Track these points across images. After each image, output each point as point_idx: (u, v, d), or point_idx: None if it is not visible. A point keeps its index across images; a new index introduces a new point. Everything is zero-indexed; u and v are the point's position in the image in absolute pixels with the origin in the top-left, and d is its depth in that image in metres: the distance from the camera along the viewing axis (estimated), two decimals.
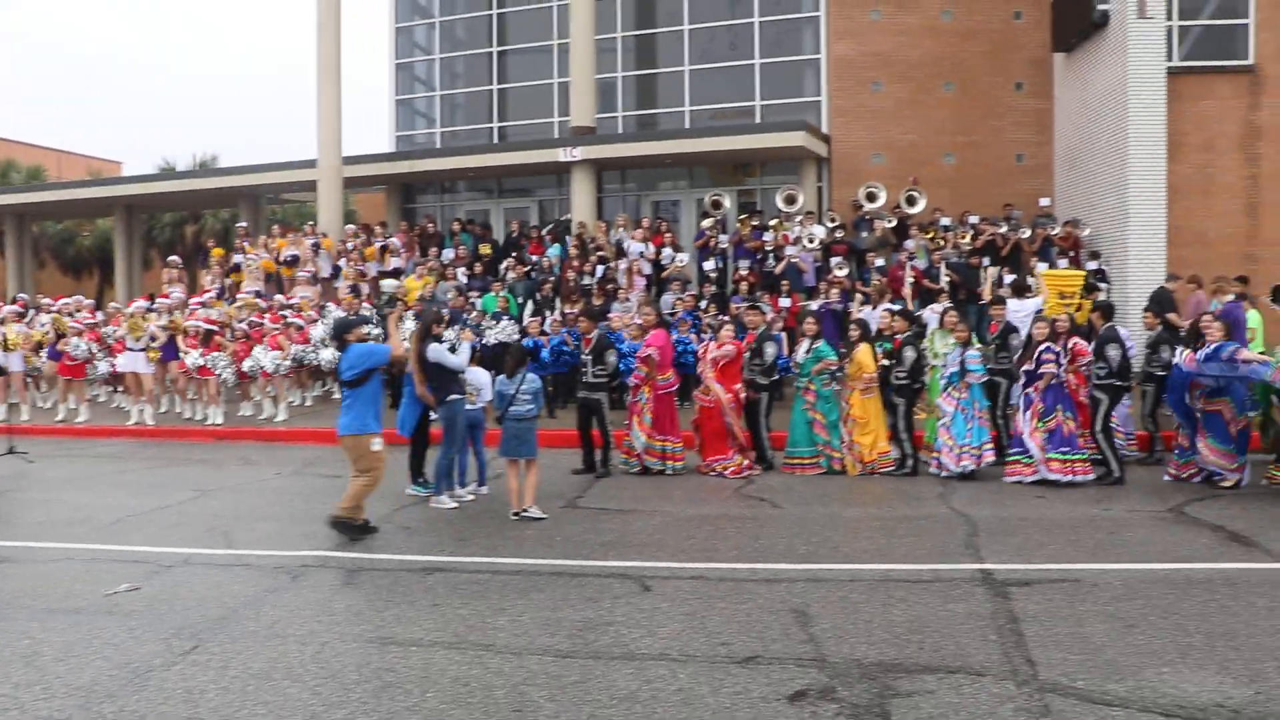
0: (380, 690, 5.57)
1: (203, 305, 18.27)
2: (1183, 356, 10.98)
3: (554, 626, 6.57)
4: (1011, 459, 11.47)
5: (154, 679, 5.78)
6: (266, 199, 30.14)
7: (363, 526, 9.25)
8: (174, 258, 23.86)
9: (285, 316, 17.27)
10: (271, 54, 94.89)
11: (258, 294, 19.76)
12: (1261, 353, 12.67)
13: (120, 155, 58.71)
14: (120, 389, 18.17)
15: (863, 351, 12.06)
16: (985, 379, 11.79)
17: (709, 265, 19.56)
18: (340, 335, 9.57)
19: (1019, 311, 13.60)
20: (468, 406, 10.86)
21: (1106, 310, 12.22)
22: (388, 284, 18.73)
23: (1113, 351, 11.33)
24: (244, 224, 25.52)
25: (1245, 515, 9.54)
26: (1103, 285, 17.63)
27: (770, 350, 12.50)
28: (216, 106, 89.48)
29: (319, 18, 23.49)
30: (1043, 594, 7.08)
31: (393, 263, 20.98)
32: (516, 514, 9.83)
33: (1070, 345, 11.47)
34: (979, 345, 12.12)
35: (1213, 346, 10.75)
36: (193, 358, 16.20)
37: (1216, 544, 8.53)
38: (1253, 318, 13.85)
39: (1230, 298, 13.93)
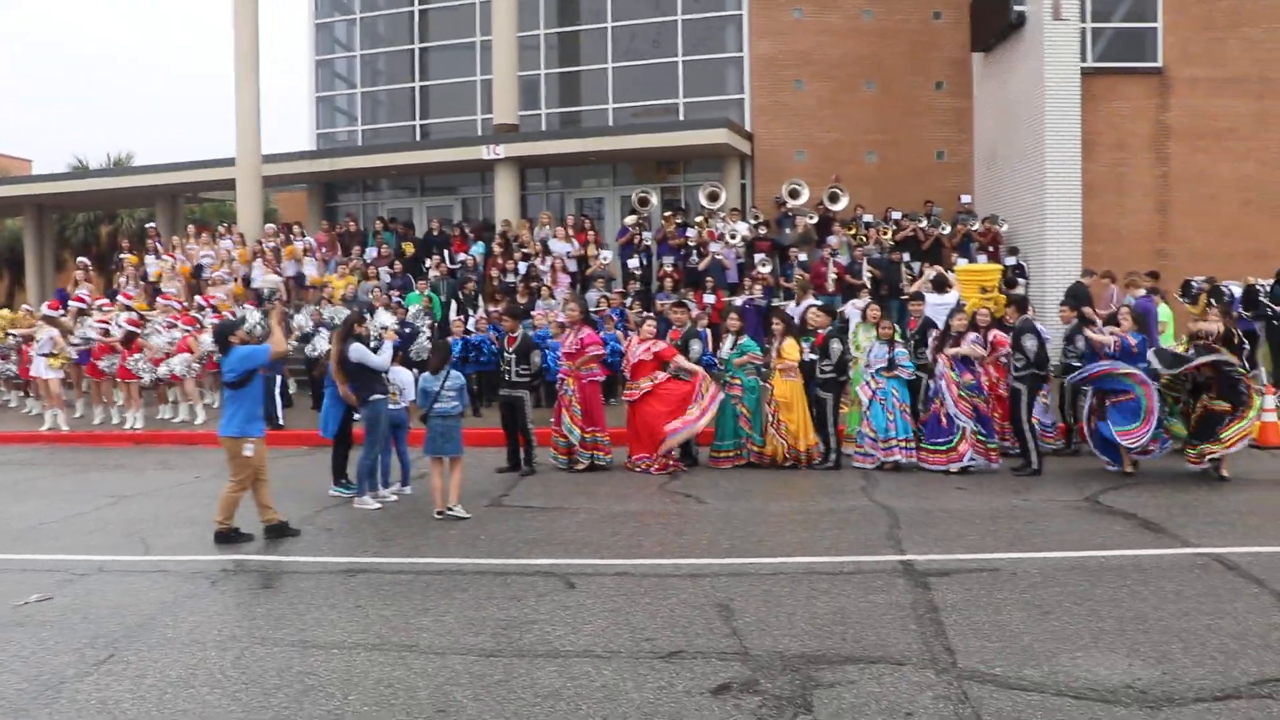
0: (302, 694, 5.49)
1: (119, 307, 17.83)
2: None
3: (478, 626, 6.52)
4: (937, 448, 11.61)
5: (66, 691, 5.63)
6: (184, 198, 29.56)
7: (281, 528, 9.11)
8: (82, 259, 23.32)
9: (199, 318, 16.95)
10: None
11: (153, 284, 19.33)
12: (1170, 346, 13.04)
13: (30, 153, 57.03)
14: (32, 394, 17.71)
15: (788, 344, 12.15)
16: (913, 376, 11.99)
17: (633, 263, 19.59)
18: (222, 338, 9.29)
19: (938, 307, 13.78)
20: (390, 406, 10.75)
21: (1020, 304, 12.46)
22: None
23: (1029, 342, 11.53)
24: (153, 224, 25.03)
25: (1156, 503, 9.79)
26: (1021, 280, 17.99)
27: (696, 348, 12.54)
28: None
29: (235, 12, 23.11)
30: (962, 584, 7.19)
31: (307, 262, 20.70)
32: (441, 513, 9.76)
33: (990, 337, 11.69)
34: (901, 341, 12.25)
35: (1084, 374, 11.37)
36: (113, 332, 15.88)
37: (1128, 531, 8.74)
38: (1164, 312, 14.22)
39: (1142, 292, 14.28)
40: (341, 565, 8.17)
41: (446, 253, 20.60)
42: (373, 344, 10.63)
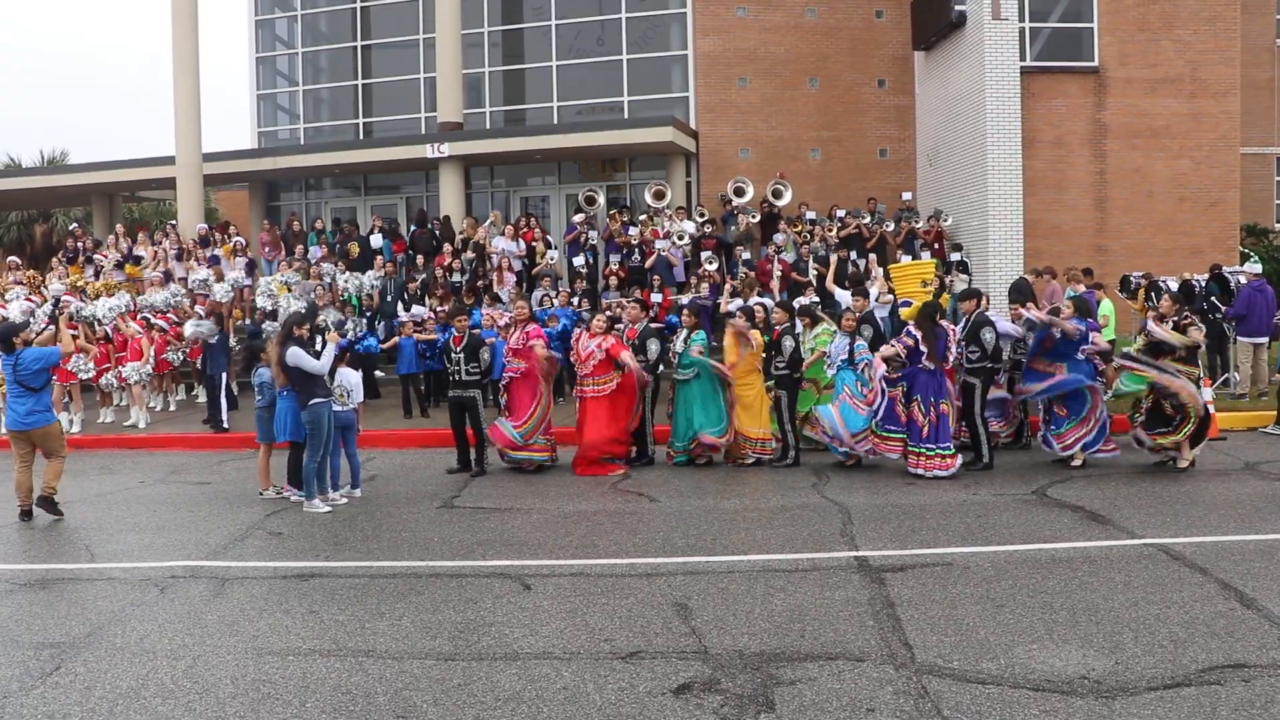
0: (258, 703, 5.40)
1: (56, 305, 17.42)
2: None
3: (435, 629, 6.47)
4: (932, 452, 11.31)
5: (10, 705, 5.48)
6: (122, 197, 29.03)
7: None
8: (13, 258, 22.88)
9: (148, 319, 16.63)
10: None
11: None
12: (1110, 341, 13.24)
13: None
14: None
15: (753, 334, 12.14)
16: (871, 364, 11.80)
17: (578, 260, 19.58)
18: (7, 340, 10.11)
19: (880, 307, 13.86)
20: (337, 408, 10.62)
21: (975, 297, 12.40)
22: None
23: (987, 335, 11.59)
24: (77, 224, 24.63)
25: (1102, 495, 9.95)
26: (964, 276, 18.19)
27: (654, 346, 12.52)
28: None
29: (174, 8, 22.72)
30: (917, 578, 7.25)
31: (239, 262, 20.47)
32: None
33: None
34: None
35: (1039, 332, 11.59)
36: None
37: (1077, 523, 8.87)
38: (1105, 306, 14.45)
39: (1083, 288, 14.50)
40: (294, 570, 8.06)
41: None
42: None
